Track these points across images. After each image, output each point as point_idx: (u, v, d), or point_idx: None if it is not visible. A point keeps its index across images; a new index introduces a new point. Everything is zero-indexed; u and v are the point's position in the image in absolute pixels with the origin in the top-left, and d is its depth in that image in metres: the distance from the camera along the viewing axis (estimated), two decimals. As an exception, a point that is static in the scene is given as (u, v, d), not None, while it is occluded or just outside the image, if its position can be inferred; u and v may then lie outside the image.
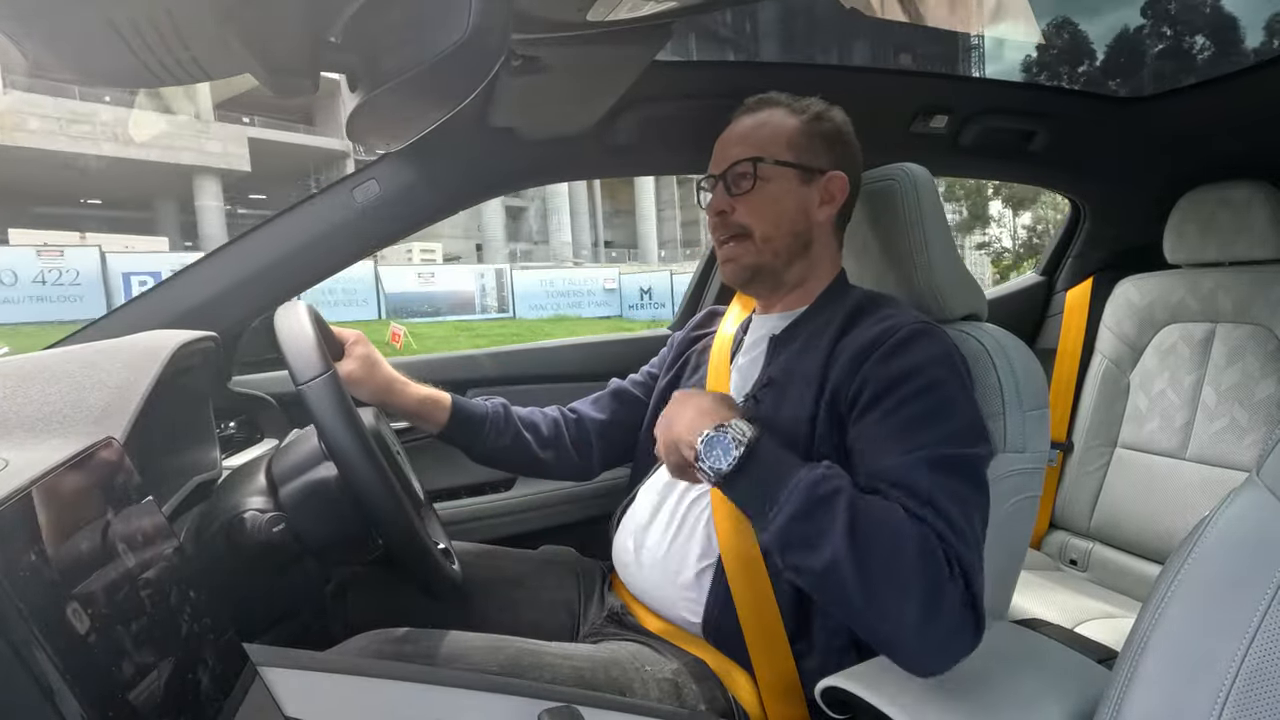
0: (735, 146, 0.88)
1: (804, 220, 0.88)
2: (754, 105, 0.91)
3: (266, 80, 0.63)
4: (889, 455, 0.70)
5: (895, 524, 0.63)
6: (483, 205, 21.83)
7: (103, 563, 0.46)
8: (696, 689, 0.79)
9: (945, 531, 0.64)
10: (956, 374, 0.76)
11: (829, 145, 0.88)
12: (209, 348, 0.93)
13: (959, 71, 21.21)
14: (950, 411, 0.73)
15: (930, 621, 0.61)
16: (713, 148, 0.92)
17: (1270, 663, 0.45)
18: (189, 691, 0.49)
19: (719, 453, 0.68)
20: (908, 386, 0.73)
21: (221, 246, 1.16)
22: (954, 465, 0.69)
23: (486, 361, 1.49)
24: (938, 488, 0.67)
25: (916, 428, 0.71)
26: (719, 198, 0.89)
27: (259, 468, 0.81)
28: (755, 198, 0.87)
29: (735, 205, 0.88)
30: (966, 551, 0.65)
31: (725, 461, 0.68)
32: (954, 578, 0.62)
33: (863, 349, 0.78)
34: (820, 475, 0.67)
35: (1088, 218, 1.79)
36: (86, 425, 0.58)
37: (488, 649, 0.77)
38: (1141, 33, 18.46)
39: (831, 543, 0.62)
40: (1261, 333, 1.36)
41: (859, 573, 0.61)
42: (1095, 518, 1.56)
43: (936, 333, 0.78)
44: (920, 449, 0.69)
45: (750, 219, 0.87)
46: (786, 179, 0.87)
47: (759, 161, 0.86)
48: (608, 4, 0.75)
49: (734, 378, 0.92)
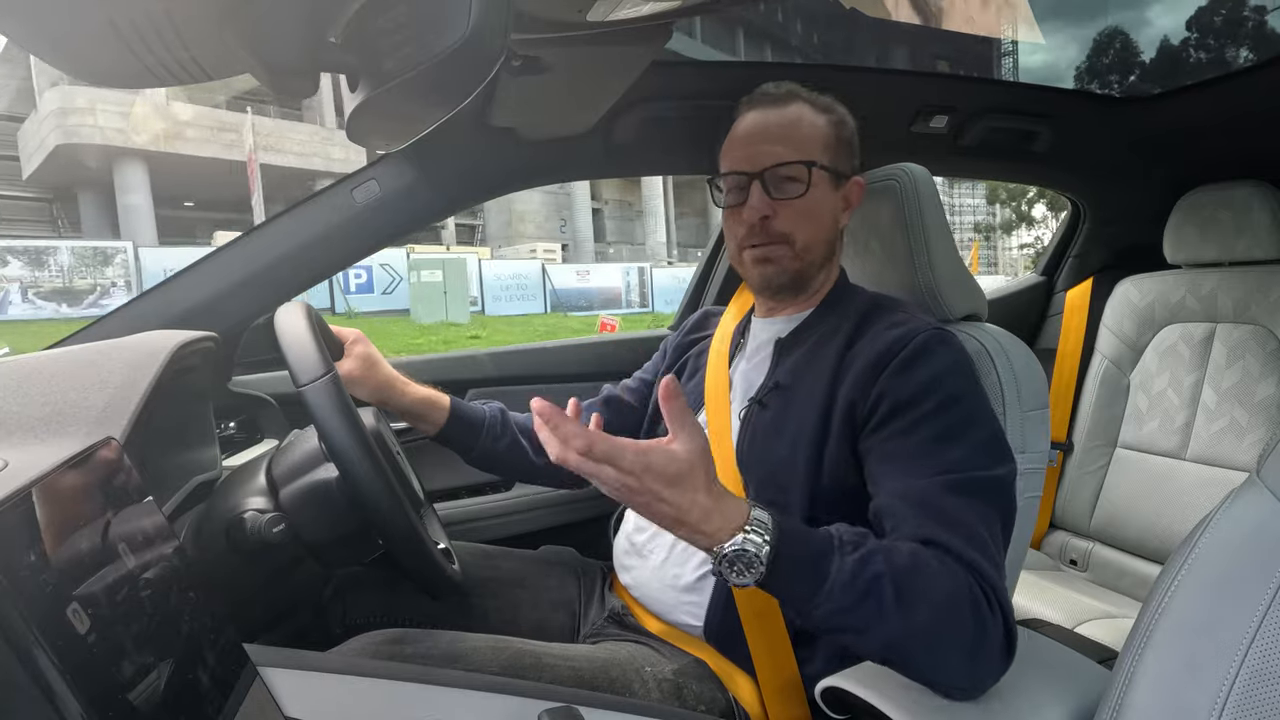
0: (776, 144, 0.83)
1: (834, 227, 0.87)
2: (782, 97, 0.86)
3: (266, 80, 0.63)
4: (913, 476, 0.68)
5: (938, 585, 0.61)
6: (573, 207, 23.09)
7: (103, 563, 0.46)
8: (697, 689, 0.79)
9: (980, 564, 0.63)
10: (973, 383, 0.75)
11: (851, 149, 0.87)
12: (209, 348, 0.93)
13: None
14: (971, 428, 0.71)
15: (977, 661, 0.61)
16: (712, 148, 0.91)
17: (1271, 663, 0.45)
18: (189, 691, 0.49)
19: (742, 567, 0.58)
20: (927, 402, 0.71)
21: (222, 246, 1.16)
22: (981, 487, 0.68)
23: (486, 361, 1.49)
24: (966, 512, 0.65)
25: (939, 447, 0.69)
26: (761, 200, 0.82)
27: (259, 468, 0.81)
28: (803, 204, 0.82)
29: (779, 209, 0.82)
30: (999, 579, 0.64)
31: (757, 570, 0.58)
32: (994, 613, 0.62)
33: (878, 358, 0.76)
34: (855, 561, 0.60)
35: (1088, 218, 1.79)
36: (86, 425, 0.58)
37: (488, 649, 0.77)
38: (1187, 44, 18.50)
39: (885, 625, 0.59)
40: (1261, 333, 1.36)
41: (913, 643, 0.60)
42: (1095, 518, 1.56)
43: (950, 339, 0.77)
44: (945, 472, 0.67)
45: (793, 226, 0.83)
46: (826, 185, 0.84)
47: (812, 166, 0.82)
48: (608, 4, 0.75)
49: (736, 382, 0.90)
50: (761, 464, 0.81)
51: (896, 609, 0.59)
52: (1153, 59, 18.17)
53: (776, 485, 0.79)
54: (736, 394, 0.89)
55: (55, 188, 19.83)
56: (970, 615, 0.61)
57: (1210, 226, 1.44)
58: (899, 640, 0.60)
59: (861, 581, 0.59)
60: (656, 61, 0.96)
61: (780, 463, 0.79)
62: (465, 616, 0.93)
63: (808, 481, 0.77)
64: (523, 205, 23.45)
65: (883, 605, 0.59)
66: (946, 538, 0.64)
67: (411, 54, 0.60)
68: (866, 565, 0.60)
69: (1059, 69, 28.97)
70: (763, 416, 0.83)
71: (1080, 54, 19.65)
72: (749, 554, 0.57)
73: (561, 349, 1.57)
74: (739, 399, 0.88)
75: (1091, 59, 20.80)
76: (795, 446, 0.78)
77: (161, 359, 0.72)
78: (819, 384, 0.79)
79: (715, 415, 0.88)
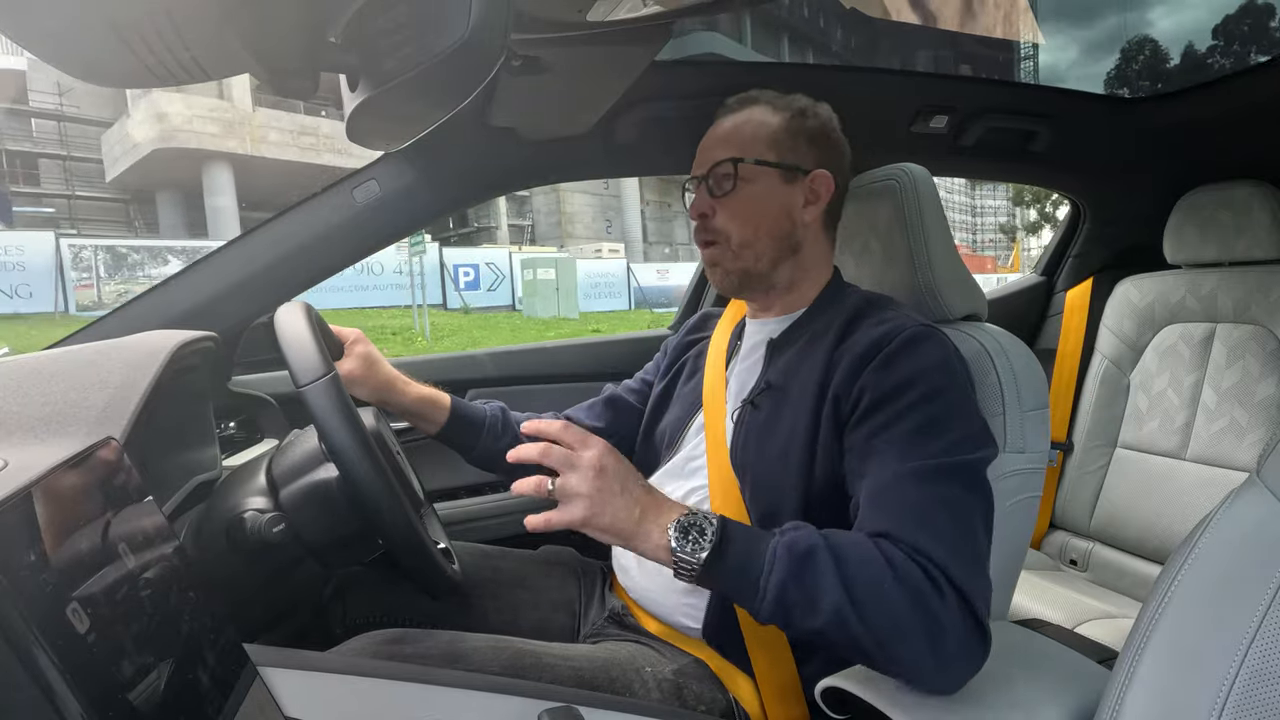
0: (716, 148, 0.86)
1: (788, 222, 0.85)
2: (736, 104, 0.88)
3: (266, 80, 0.63)
4: (882, 472, 0.68)
5: (875, 567, 0.61)
6: (623, 207, 23.93)
7: (103, 563, 0.46)
8: (697, 690, 0.79)
9: (928, 548, 0.62)
10: (956, 380, 0.74)
11: (812, 143, 0.86)
12: (209, 348, 0.93)
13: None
14: (948, 423, 0.70)
15: (938, 647, 0.60)
16: None
17: (1270, 663, 0.45)
18: (189, 691, 0.49)
19: (694, 538, 0.62)
20: (905, 397, 0.71)
21: (221, 246, 1.16)
22: (950, 472, 0.67)
23: (487, 361, 1.49)
24: (931, 501, 0.65)
25: (912, 442, 0.69)
26: (701, 199, 0.86)
27: (259, 468, 0.81)
28: (735, 200, 0.84)
29: (716, 208, 0.85)
30: (962, 570, 0.62)
31: (705, 547, 0.62)
32: (943, 596, 0.61)
33: (863, 354, 0.76)
34: (791, 538, 0.64)
35: (1088, 218, 1.79)
36: (86, 425, 0.58)
37: (488, 649, 0.77)
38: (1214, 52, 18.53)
39: (829, 596, 0.60)
40: (1261, 333, 1.36)
41: (862, 621, 0.60)
42: (1095, 518, 1.56)
43: (936, 336, 0.76)
44: (914, 462, 0.67)
45: (729, 223, 0.85)
46: (768, 179, 0.84)
47: (739, 162, 0.83)
48: (608, 4, 0.75)
49: (731, 383, 0.90)
50: (756, 464, 0.81)
51: (837, 578, 0.60)
52: (1176, 64, 18.16)
53: (771, 484, 0.79)
54: (731, 395, 0.89)
55: (135, 190, 20.73)
56: (908, 599, 0.60)
57: (1210, 226, 1.44)
58: (846, 613, 0.60)
59: (800, 549, 0.62)
60: (656, 61, 0.96)
61: (774, 462, 0.79)
62: (465, 616, 0.93)
63: (802, 480, 0.77)
64: (571, 206, 23.99)
65: (822, 571, 0.61)
66: (892, 527, 0.64)
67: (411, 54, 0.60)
68: (800, 537, 0.64)
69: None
70: (755, 417, 0.83)
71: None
72: (698, 520, 0.63)
73: (561, 349, 1.57)
74: (733, 400, 0.88)
75: (1120, 66, 20.78)
76: (788, 446, 0.78)
77: (161, 359, 0.72)
78: (810, 382, 0.79)
79: (712, 416, 0.88)
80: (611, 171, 1.38)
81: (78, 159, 21.09)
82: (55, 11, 0.50)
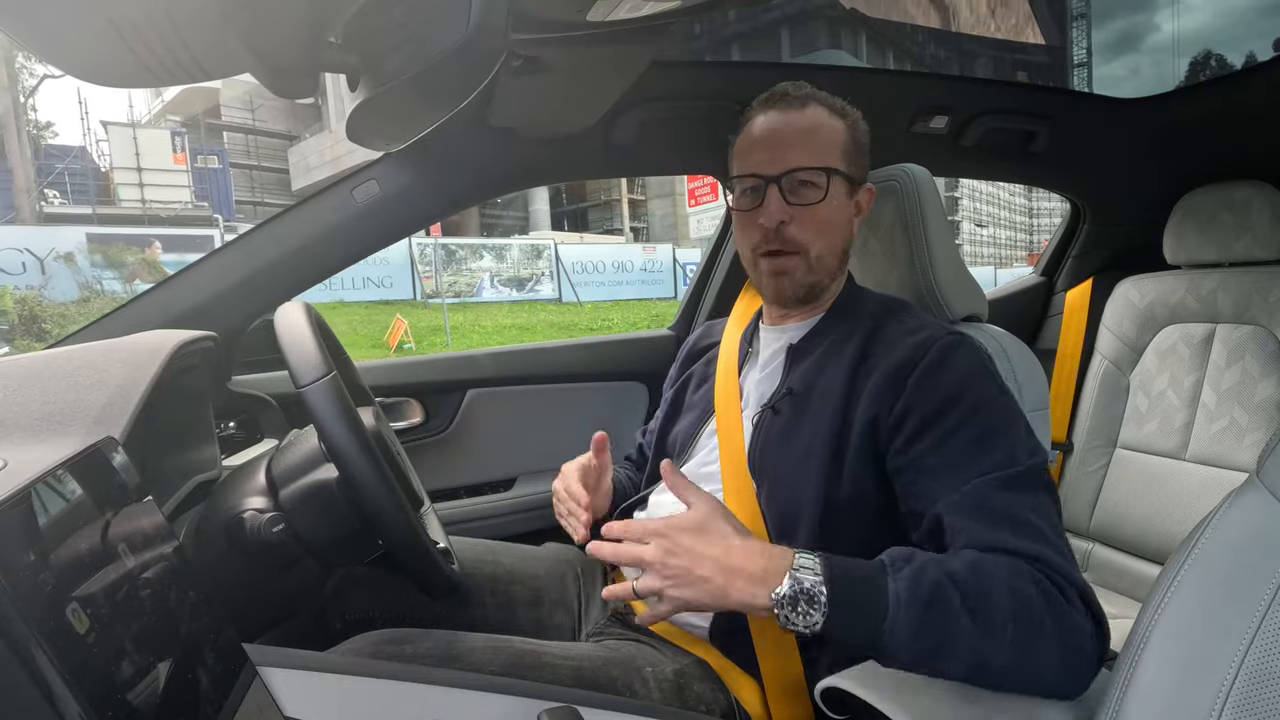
0: (795, 149, 0.81)
1: (850, 235, 0.85)
2: (801, 99, 0.84)
3: (266, 80, 0.63)
4: (959, 485, 0.67)
5: (1004, 585, 0.59)
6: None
7: (102, 563, 0.46)
8: (698, 690, 0.79)
9: (1046, 555, 0.61)
10: (997, 384, 0.74)
11: (862, 153, 0.85)
12: (209, 348, 0.93)
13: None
14: (1003, 429, 0.69)
15: (1069, 656, 0.59)
16: (712, 148, 0.91)
17: (1271, 663, 0.45)
18: (189, 691, 0.49)
19: (803, 610, 0.58)
20: (956, 412, 0.70)
21: (221, 246, 1.16)
22: (1023, 478, 0.66)
23: (486, 361, 1.49)
24: (1019, 509, 0.64)
25: (978, 452, 0.68)
26: (778, 205, 0.80)
27: (259, 468, 0.81)
28: (820, 212, 0.81)
29: (795, 215, 0.81)
30: (1070, 569, 0.61)
31: (820, 605, 0.58)
32: (1071, 602, 0.59)
33: (897, 370, 0.74)
34: (910, 574, 0.59)
35: (1088, 218, 1.79)
36: (86, 425, 0.58)
37: (488, 649, 0.77)
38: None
39: (962, 636, 0.57)
40: (1261, 333, 1.36)
41: (996, 649, 0.57)
42: (1095, 518, 1.56)
43: (967, 341, 0.76)
44: (989, 473, 0.66)
45: (808, 235, 0.81)
46: (841, 191, 0.82)
47: (831, 173, 0.80)
48: (608, 4, 0.75)
49: (748, 391, 0.89)
50: (774, 469, 0.81)
51: (968, 615, 0.57)
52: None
53: (788, 491, 0.79)
54: (749, 403, 0.88)
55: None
56: (1045, 607, 0.58)
57: (1210, 227, 1.44)
58: (982, 649, 0.57)
59: (923, 592, 0.58)
60: (656, 61, 0.96)
61: (793, 468, 0.79)
62: (465, 616, 0.93)
63: (822, 490, 0.76)
64: (683, 210, 24.67)
65: (952, 611, 0.57)
66: (1004, 538, 0.62)
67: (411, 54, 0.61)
68: (924, 574, 0.59)
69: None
70: (776, 422, 0.82)
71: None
72: (806, 587, 0.58)
73: (561, 349, 1.57)
74: (752, 407, 0.87)
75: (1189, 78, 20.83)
76: (809, 453, 0.78)
77: (161, 359, 0.73)
78: (833, 392, 0.78)
79: (726, 423, 0.88)
80: (612, 171, 1.38)
81: (265, 169, 23.14)
82: (55, 10, 0.50)
